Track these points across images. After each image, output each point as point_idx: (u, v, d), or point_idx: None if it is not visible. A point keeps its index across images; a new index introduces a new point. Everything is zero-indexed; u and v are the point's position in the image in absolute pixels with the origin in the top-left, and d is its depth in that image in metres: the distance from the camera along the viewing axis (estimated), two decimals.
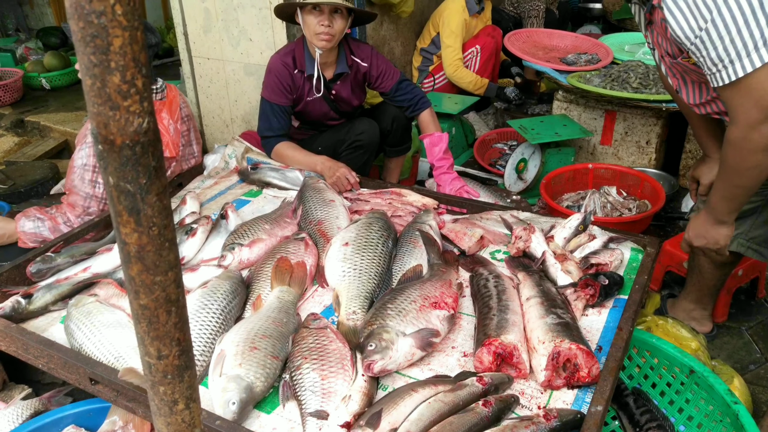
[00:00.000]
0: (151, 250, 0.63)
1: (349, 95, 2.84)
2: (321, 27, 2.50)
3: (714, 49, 1.50)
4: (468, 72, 4.26)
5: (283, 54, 2.71)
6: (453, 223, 2.23)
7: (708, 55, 1.52)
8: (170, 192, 2.65)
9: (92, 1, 0.49)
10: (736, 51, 1.47)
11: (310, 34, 2.56)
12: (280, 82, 2.67)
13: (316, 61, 2.65)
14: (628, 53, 3.89)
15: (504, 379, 1.51)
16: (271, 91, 2.69)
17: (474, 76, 4.26)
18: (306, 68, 2.69)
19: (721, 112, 1.79)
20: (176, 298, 0.69)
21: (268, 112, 2.69)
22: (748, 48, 1.46)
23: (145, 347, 0.71)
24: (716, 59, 1.51)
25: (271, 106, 2.68)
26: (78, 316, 1.78)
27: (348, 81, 2.81)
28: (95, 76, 0.53)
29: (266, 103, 2.70)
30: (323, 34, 2.51)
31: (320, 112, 2.84)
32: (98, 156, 0.58)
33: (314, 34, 2.53)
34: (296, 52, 2.70)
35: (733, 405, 1.60)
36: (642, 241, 2.08)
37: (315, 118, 2.87)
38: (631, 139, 3.45)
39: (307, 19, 2.53)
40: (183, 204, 2.46)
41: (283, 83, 2.67)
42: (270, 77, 2.69)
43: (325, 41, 2.54)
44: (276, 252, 2.03)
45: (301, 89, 2.74)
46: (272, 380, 1.55)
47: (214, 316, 1.73)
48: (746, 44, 1.46)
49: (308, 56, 2.68)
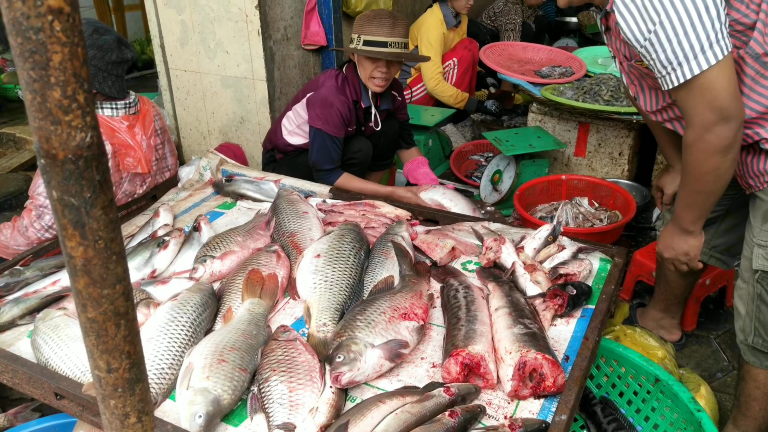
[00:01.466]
0: (98, 263, 0.64)
1: (387, 132, 2.92)
2: (378, 73, 2.58)
3: (663, 52, 1.51)
4: (449, 86, 4.31)
5: (339, 87, 2.70)
6: (425, 234, 2.24)
7: (658, 58, 1.53)
8: (144, 204, 2.64)
9: (29, 18, 0.50)
10: (684, 53, 1.48)
11: (365, 75, 2.63)
12: (342, 118, 2.67)
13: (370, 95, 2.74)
14: (601, 66, 3.96)
15: (471, 390, 1.52)
16: (332, 125, 2.67)
17: (454, 90, 4.31)
18: (362, 99, 2.74)
19: (677, 118, 1.81)
20: (125, 311, 0.69)
21: (329, 144, 2.67)
22: (695, 50, 1.47)
23: (94, 360, 0.71)
24: (665, 61, 1.53)
25: (332, 139, 2.67)
26: (45, 330, 1.76)
27: (388, 117, 2.90)
28: (35, 91, 0.53)
29: (326, 136, 2.67)
30: (379, 80, 2.60)
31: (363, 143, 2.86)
32: (41, 170, 0.58)
33: (369, 77, 2.61)
34: (351, 80, 2.72)
35: (696, 413, 1.63)
36: (610, 251, 2.11)
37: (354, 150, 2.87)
38: (605, 151, 3.51)
39: (363, 62, 2.60)
40: (156, 216, 2.45)
41: (344, 118, 2.68)
42: (331, 111, 2.66)
43: (380, 87, 2.63)
44: (248, 264, 2.03)
45: (357, 121, 2.79)
46: (240, 393, 1.54)
47: (184, 329, 1.72)
48: (693, 46, 1.47)
49: (363, 87, 2.72)
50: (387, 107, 2.81)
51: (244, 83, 3.38)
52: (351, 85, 2.71)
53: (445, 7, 4.31)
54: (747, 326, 1.84)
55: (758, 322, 1.80)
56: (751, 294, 1.79)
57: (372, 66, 2.58)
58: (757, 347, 1.82)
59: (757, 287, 1.77)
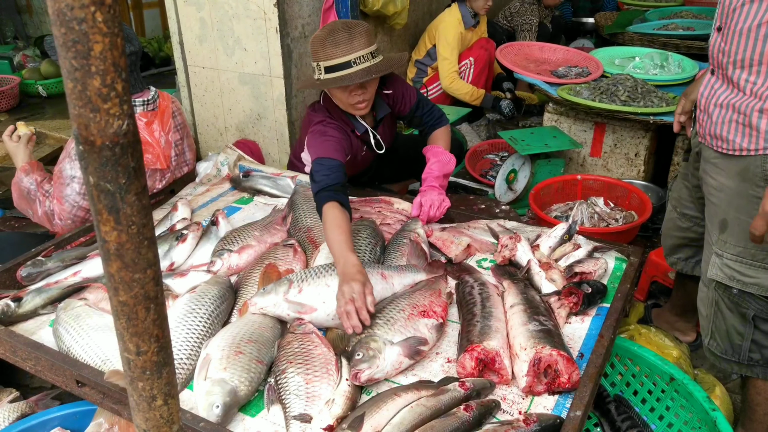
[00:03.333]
0: (130, 247, 0.66)
1: (387, 133, 2.60)
2: (355, 98, 2.24)
3: None
4: (464, 83, 4.32)
5: (328, 118, 2.35)
6: (440, 232, 2.25)
7: None
8: (162, 198, 2.67)
9: (74, 9, 0.52)
10: None
11: (343, 105, 2.32)
12: (338, 142, 2.27)
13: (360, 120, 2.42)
14: (618, 67, 3.94)
15: (486, 385, 1.53)
16: (330, 150, 2.22)
17: (470, 87, 4.31)
18: (356, 128, 2.43)
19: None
20: (155, 295, 0.71)
21: (325, 166, 2.15)
22: None
23: (124, 343, 0.73)
24: None
25: (329, 161, 2.17)
26: (66, 319, 1.79)
27: (388, 118, 2.58)
28: (76, 80, 0.55)
29: (322, 161, 2.17)
30: (359, 103, 2.27)
31: (365, 161, 2.64)
32: (79, 156, 0.60)
33: (349, 105, 2.29)
34: (335, 114, 2.38)
35: (711, 412, 1.62)
36: (626, 250, 2.11)
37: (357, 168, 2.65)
38: (620, 151, 3.50)
39: (334, 92, 2.28)
40: (174, 210, 2.48)
41: (342, 143, 2.30)
42: (324, 139, 2.26)
43: (363, 108, 2.30)
44: (265, 258, 2.06)
45: (356, 148, 2.50)
46: (257, 384, 1.57)
47: (202, 320, 1.75)
48: None
49: (349, 115, 2.41)
50: (385, 113, 2.48)
51: (261, 80, 3.41)
52: (337, 116, 2.38)
53: (463, 7, 4.32)
54: (706, 329, 1.85)
55: (715, 327, 1.81)
56: (711, 299, 1.80)
57: (345, 93, 2.24)
58: (712, 349, 1.84)
59: (714, 294, 1.78)
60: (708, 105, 1.74)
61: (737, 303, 1.73)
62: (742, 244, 1.67)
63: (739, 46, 1.60)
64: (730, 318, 1.75)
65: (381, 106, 2.46)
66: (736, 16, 1.60)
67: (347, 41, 2.13)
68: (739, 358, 1.78)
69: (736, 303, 1.73)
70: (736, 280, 1.70)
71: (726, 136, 1.67)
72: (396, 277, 1.92)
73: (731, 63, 1.64)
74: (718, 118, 1.69)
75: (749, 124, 1.60)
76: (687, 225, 2.07)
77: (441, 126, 2.60)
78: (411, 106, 2.56)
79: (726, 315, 1.76)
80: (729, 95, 1.67)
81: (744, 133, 1.62)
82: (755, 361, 1.76)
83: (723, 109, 1.68)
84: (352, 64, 2.14)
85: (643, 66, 3.81)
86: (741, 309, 1.73)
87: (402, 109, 2.56)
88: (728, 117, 1.66)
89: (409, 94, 2.56)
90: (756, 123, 1.58)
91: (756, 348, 1.74)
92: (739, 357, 1.78)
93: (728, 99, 1.66)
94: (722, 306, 1.76)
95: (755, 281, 1.67)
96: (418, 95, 2.58)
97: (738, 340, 1.76)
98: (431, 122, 2.60)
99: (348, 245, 1.88)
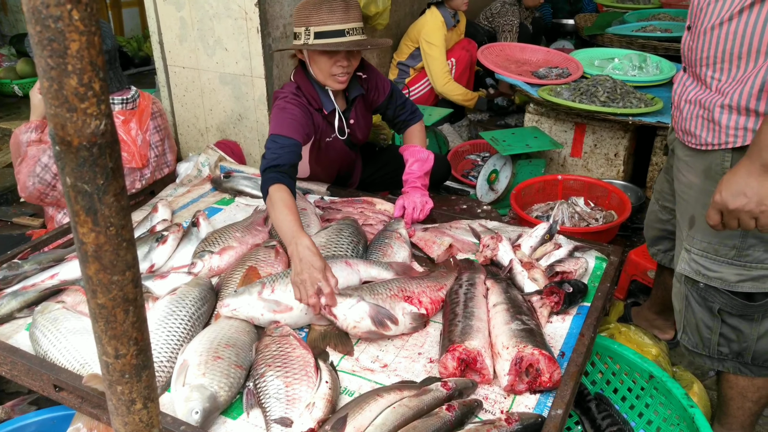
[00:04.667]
0: (109, 249, 0.65)
1: (363, 122, 2.56)
2: (338, 68, 2.21)
3: None
4: (458, 85, 4.34)
5: (292, 93, 2.31)
6: (423, 232, 2.26)
7: None
8: (142, 199, 2.64)
9: (49, 6, 0.51)
10: None
11: (323, 75, 2.26)
12: (297, 120, 2.22)
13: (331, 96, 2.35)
14: (597, 68, 3.98)
15: (468, 384, 1.54)
16: (286, 127, 2.18)
17: (464, 89, 4.34)
18: (323, 105, 2.36)
19: None
20: (134, 298, 0.70)
21: (278, 144, 2.12)
22: None
23: (102, 347, 0.72)
24: None
25: (283, 139, 2.14)
26: (43, 323, 1.76)
27: (360, 103, 2.52)
28: (52, 79, 0.54)
29: (276, 137, 2.15)
30: (340, 75, 2.23)
31: (336, 151, 2.53)
32: (56, 157, 0.59)
33: (329, 75, 2.24)
34: (304, 89, 2.33)
35: (689, 409, 1.65)
36: (606, 250, 2.13)
37: (330, 161, 2.56)
38: (600, 152, 3.54)
39: (317, 59, 2.22)
40: (154, 212, 2.46)
41: (301, 121, 2.24)
42: (283, 116, 2.22)
43: (342, 82, 2.26)
44: (246, 259, 2.04)
45: (321, 130, 2.41)
46: (236, 389, 1.55)
47: (182, 322, 1.73)
48: None
49: (321, 91, 2.35)
50: (358, 93, 2.44)
51: (242, 80, 3.39)
52: (306, 92, 2.33)
53: (442, 8, 4.34)
54: (679, 323, 1.90)
55: (686, 321, 1.86)
56: (682, 293, 1.84)
57: (330, 62, 2.19)
58: (684, 343, 1.88)
59: (684, 288, 1.82)
60: (680, 101, 1.79)
61: (704, 297, 1.77)
62: (707, 240, 1.72)
63: (704, 44, 1.65)
64: (699, 312, 1.80)
65: (354, 86, 2.44)
66: (702, 15, 1.65)
67: (344, 10, 2.15)
68: (709, 352, 1.83)
69: (703, 297, 1.77)
70: (702, 275, 1.75)
71: (694, 131, 1.71)
72: (361, 265, 1.93)
73: (698, 60, 1.68)
74: (688, 114, 1.74)
75: (712, 119, 1.65)
76: (667, 217, 2.11)
77: (415, 122, 2.60)
78: (385, 96, 2.55)
79: (695, 309, 1.81)
80: (697, 92, 1.71)
81: (708, 128, 1.67)
82: (725, 355, 1.81)
83: (691, 105, 1.73)
84: (346, 33, 2.15)
85: (622, 67, 3.86)
86: (708, 303, 1.77)
87: (376, 98, 2.55)
88: (695, 113, 1.71)
89: (383, 83, 2.55)
90: (718, 118, 1.63)
91: (725, 342, 1.79)
92: (709, 351, 1.82)
93: (696, 95, 1.71)
94: (691, 300, 1.81)
95: (719, 275, 1.72)
96: (392, 86, 2.58)
97: (707, 334, 1.81)
98: (404, 116, 2.59)
99: (299, 225, 1.89)
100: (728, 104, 1.60)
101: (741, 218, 1.48)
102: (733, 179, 1.47)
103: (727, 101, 1.60)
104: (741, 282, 1.69)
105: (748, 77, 1.56)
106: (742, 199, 1.45)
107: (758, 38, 1.53)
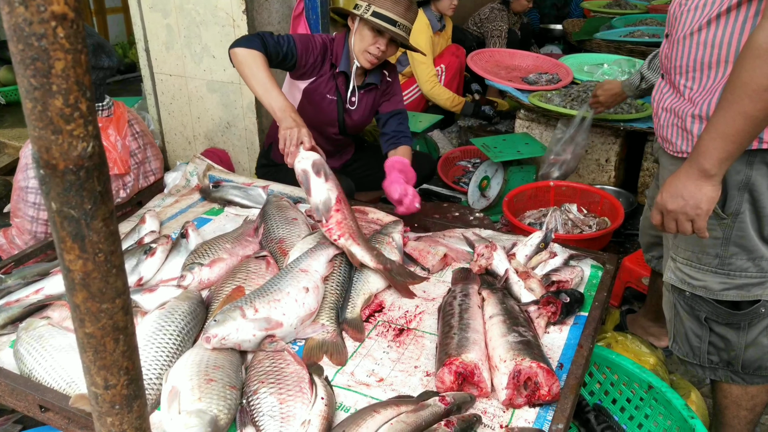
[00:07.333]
0: (97, 277, 0.62)
1: (364, 113, 2.70)
2: (375, 49, 2.43)
3: None
4: (445, 89, 4.32)
5: (322, 36, 2.56)
6: (416, 242, 2.23)
7: None
8: (129, 210, 2.59)
9: (32, 24, 0.48)
10: None
11: (359, 47, 2.47)
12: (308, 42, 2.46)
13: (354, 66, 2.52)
14: (587, 73, 3.99)
15: (466, 399, 1.51)
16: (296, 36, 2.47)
17: (451, 93, 4.32)
18: (340, 64, 2.54)
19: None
20: (124, 326, 0.67)
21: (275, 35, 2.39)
22: None
23: (91, 377, 0.68)
24: None
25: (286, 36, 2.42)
26: (28, 340, 1.71)
27: (372, 95, 2.68)
28: (36, 100, 0.51)
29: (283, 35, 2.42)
30: (373, 56, 2.45)
31: (326, 115, 2.64)
32: (40, 181, 0.56)
33: (363, 50, 2.45)
34: (336, 43, 2.54)
35: (690, 420, 1.63)
36: (601, 258, 2.11)
37: (316, 119, 2.60)
38: (591, 157, 3.53)
39: (363, 32, 2.44)
40: (142, 223, 2.40)
41: (311, 40, 2.48)
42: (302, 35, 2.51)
43: (371, 63, 2.48)
44: (237, 271, 2.00)
45: (323, 78, 2.56)
46: (234, 412, 1.50)
47: (172, 337, 1.69)
48: None
49: (346, 54, 2.54)
50: (374, 81, 2.62)
51: (230, 88, 3.35)
52: (335, 48, 2.54)
53: (428, 11, 4.32)
54: (670, 332, 1.89)
55: (676, 330, 1.85)
56: (671, 302, 1.84)
57: (372, 39, 2.42)
58: (675, 352, 1.88)
59: (672, 297, 1.82)
60: (658, 108, 1.80)
61: (691, 306, 1.77)
62: (690, 249, 1.72)
63: (678, 52, 1.66)
64: (687, 321, 1.79)
65: (375, 76, 2.61)
66: (677, 24, 1.65)
67: (406, 7, 2.39)
68: (700, 361, 1.82)
69: (690, 306, 1.77)
70: (687, 284, 1.74)
71: (671, 139, 1.72)
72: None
73: (673, 68, 1.69)
74: (665, 122, 1.75)
75: (685, 128, 1.66)
76: None
77: (404, 143, 2.65)
78: (394, 108, 2.70)
79: (683, 318, 1.80)
80: (672, 99, 1.72)
81: (682, 137, 1.68)
82: (715, 364, 1.80)
83: (667, 113, 1.74)
84: (396, 25, 2.38)
85: (612, 73, 3.87)
86: (695, 312, 1.77)
87: (386, 101, 2.70)
88: (671, 120, 1.72)
89: (399, 97, 2.74)
90: (690, 127, 1.64)
91: (714, 350, 1.78)
92: (700, 360, 1.82)
93: (671, 103, 1.72)
94: (680, 309, 1.81)
95: (703, 284, 1.71)
96: (403, 106, 2.76)
97: (696, 342, 1.80)
98: (398, 134, 2.66)
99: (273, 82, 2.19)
100: (698, 114, 1.62)
101: (678, 220, 1.53)
102: (674, 182, 1.52)
103: (697, 111, 1.62)
104: (725, 290, 1.69)
105: (717, 87, 1.57)
106: (680, 201, 1.51)
107: (726, 47, 1.53)
